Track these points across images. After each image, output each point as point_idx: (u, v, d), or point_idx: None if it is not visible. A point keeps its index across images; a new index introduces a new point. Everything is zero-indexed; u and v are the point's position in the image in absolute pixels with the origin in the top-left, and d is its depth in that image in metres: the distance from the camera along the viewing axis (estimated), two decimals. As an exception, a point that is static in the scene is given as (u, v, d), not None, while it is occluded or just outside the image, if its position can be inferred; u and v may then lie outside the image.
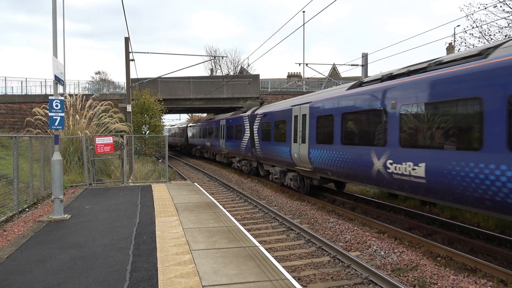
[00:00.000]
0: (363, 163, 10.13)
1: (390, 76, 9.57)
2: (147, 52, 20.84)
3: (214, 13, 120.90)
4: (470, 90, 7.12)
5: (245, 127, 20.87)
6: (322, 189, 15.54)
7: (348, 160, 10.85)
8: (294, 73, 49.76)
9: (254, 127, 19.32)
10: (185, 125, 44.15)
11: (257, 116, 19.10)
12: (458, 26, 43.06)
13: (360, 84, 10.89)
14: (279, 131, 16.12)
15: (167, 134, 43.87)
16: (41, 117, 16.94)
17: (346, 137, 11.06)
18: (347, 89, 11.33)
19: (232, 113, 25.67)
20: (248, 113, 20.86)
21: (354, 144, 10.65)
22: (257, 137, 18.75)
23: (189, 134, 41.06)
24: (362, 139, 10.29)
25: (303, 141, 13.62)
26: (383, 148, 9.29)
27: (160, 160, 28.85)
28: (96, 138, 14.76)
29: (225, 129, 25.18)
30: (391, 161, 9.01)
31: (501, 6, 15.59)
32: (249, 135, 20.05)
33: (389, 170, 9.08)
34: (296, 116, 14.45)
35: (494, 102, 6.62)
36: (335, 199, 13.75)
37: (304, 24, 35.28)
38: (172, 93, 33.77)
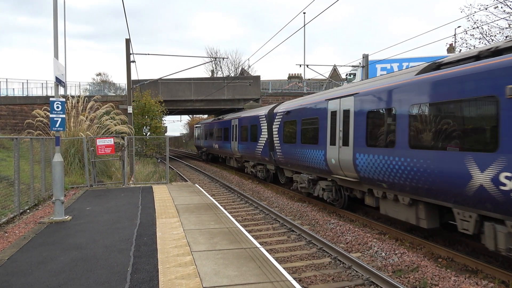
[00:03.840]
0: (449, 175, 7.32)
1: (496, 51, 7.03)
2: (148, 54, 20.90)
3: (215, 14, 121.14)
4: None
5: (262, 127, 18.24)
6: (361, 202, 11.96)
7: (420, 169, 7.99)
8: (295, 74, 49.82)
9: (274, 127, 16.52)
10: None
11: (277, 114, 16.18)
12: (459, 27, 43.00)
13: (438, 66, 8.33)
14: (308, 131, 13.35)
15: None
16: (42, 118, 16.96)
17: (419, 138, 8.17)
18: (416, 74, 8.63)
19: (245, 111, 23.07)
20: (265, 111, 18.13)
21: (433, 148, 7.74)
22: (278, 139, 16.01)
23: (195, 135, 39.30)
24: (449, 141, 7.41)
25: (345, 143, 10.92)
26: (493, 155, 6.45)
27: (159, 160, 28.88)
28: (97, 140, 14.77)
29: (238, 130, 22.41)
30: (508, 174, 6.23)
31: (501, 7, 15.59)
32: (266, 136, 17.50)
33: (504, 187, 6.27)
34: (334, 112, 11.63)
35: None
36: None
37: (304, 25, 35.31)
38: (173, 94, 33.80)
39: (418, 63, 26.83)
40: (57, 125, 8.85)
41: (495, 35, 16.33)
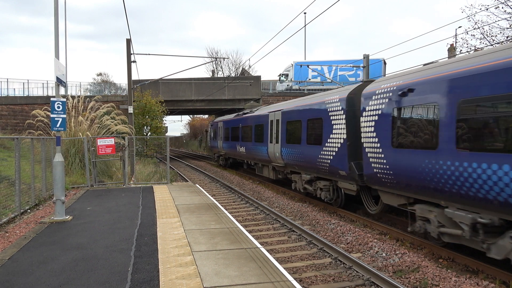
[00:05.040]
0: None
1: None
2: (149, 54, 20.95)
3: (216, 14, 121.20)
4: None
5: (334, 122, 11.41)
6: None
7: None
8: (296, 74, 49.73)
9: (365, 120, 9.79)
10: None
11: (378, 97, 9.34)
12: (460, 27, 43.00)
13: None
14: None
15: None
16: (42, 118, 16.98)
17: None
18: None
19: (292, 100, 15.80)
20: (338, 95, 11.33)
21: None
22: (375, 140, 9.38)
23: (210, 135, 32.12)
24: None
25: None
26: None
27: (159, 160, 28.88)
28: (98, 140, 14.78)
29: (282, 127, 15.48)
30: None
31: (502, 7, 15.58)
32: (342, 136, 10.94)
33: None
34: None
35: None
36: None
37: (305, 25, 35.30)
38: (173, 94, 33.83)
39: (344, 65, 28.08)
40: (58, 125, 8.86)
41: (496, 35, 16.33)
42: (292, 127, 14.56)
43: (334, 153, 11.39)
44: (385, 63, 40.63)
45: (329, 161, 11.65)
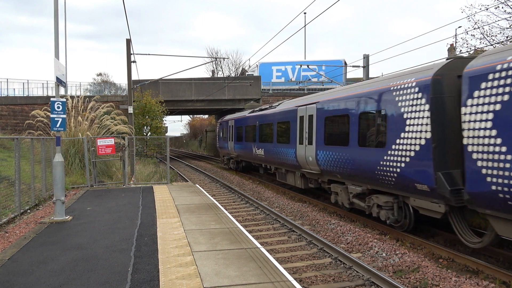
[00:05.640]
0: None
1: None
2: (149, 54, 20.95)
3: (216, 14, 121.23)
4: None
5: (407, 115, 8.37)
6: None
7: None
8: (295, 74, 49.79)
9: (474, 112, 6.75)
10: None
11: (503, 73, 6.27)
12: (460, 27, 42.99)
13: None
14: None
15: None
16: (42, 118, 16.98)
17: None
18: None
19: (328, 91, 12.81)
20: (423, 76, 8.03)
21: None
22: (500, 139, 6.27)
23: (219, 134, 28.23)
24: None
25: None
26: None
27: (159, 160, 28.87)
28: (98, 140, 14.78)
29: (318, 125, 12.35)
30: None
31: (502, 7, 15.57)
32: (426, 136, 7.86)
33: None
34: None
35: None
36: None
37: (305, 25, 35.30)
38: (173, 94, 33.83)
39: (310, 65, 28.76)
40: (57, 125, 8.86)
41: (496, 35, 16.32)
42: (333, 124, 11.49)
43: (407, 159, 8.30)
44: (345, 63, 41.37)
45: (398, 169, 8.56)
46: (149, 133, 27.76)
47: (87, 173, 14.77)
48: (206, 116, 64.08)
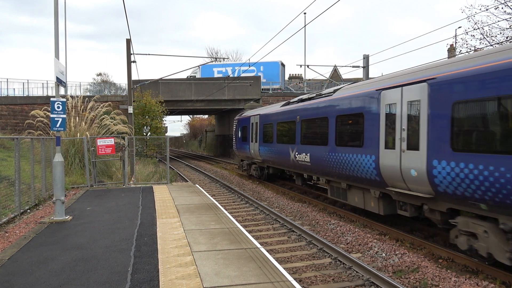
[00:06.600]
0: None
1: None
2: (149, 54, 20.94)
3: (216, 14, 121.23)
4: None
5: None
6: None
7: None
8: (296, 74, 49.96)
9: None
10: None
11: None
12: (460, 27, 43.04)
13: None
14: None
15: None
16: (42, 118, 16.98)
17: None
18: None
19: (443, 61, 7.93)
20: None
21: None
22: None
23: (237, 134, 22.88)
24: None
25: None
26: None
27: (159, 160, 28.87)
28: (98, 140, 14.78)
29: (436, 117, 7.37)
30: None
31: (502, 8, 15.58)
32: None
33: None
34: None
35: None
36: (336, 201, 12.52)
37: (305, 25, 35.31)
38: (173, 94, 33.84)
39: (246, 67, 29.25)
40: (57, 125, 8.86)
41: (496, 36, 16.32)
42: (474, 115, 6.69)
43: None
44: (283, 65, 42.03)
45: None
46: (149, 133, 27.77)
47: (87, 173, 14.77)
48: (206, 116, 64.07)
